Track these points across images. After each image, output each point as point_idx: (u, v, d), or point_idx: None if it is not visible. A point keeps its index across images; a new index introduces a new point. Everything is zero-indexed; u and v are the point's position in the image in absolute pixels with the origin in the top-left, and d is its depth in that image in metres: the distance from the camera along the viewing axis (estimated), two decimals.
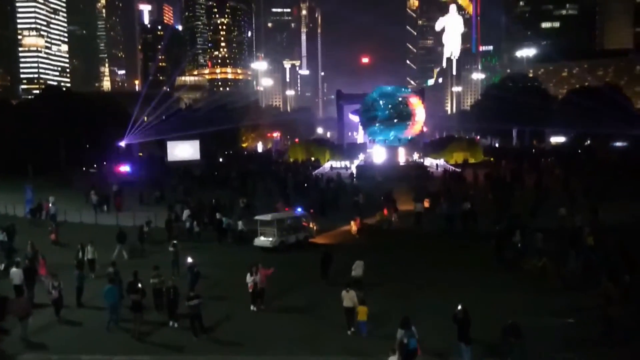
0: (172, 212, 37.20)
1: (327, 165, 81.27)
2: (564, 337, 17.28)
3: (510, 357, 15.65)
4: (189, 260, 23.09)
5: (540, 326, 17.70)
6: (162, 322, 19.61)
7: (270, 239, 30.37)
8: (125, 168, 73.52)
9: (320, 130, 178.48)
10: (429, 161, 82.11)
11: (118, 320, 19.36)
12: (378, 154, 72.21)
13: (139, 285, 19.39)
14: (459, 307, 15.88)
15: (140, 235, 30.99)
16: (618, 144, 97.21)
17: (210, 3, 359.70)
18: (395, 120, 68.48)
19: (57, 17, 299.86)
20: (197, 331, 18.28)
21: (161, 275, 20.72)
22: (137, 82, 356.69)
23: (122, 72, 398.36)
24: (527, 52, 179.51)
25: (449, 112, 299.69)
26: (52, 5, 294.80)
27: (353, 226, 34.73)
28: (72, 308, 21.01)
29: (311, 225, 33.39)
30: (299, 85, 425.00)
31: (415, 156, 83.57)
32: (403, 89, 78.47)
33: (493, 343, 16.44)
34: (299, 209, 34.30)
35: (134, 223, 36.01)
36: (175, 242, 26.87)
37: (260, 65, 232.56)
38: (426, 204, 39.30)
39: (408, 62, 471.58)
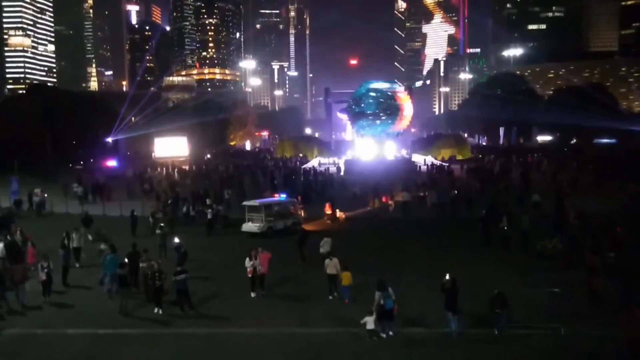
0: (160, 201, 37.62)
1: (315, 161, 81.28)
2: (550, 308, 17.37)
3: (497, 327, 15.82)
4: (176, 240, 23.27)
5: (527, 297, 17.80)
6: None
7: (258, 224, 30.38)
8: (112, 163, 73.54)
9: (308, 131, 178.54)
10: (416, 157, 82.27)
11: (112, 291, 19.52)
12: (366, 150, 72.15)
13: (125, 260, 19.42)
14: (447, 277, 16.00)
15: (133, 225, 31.01)
16: (605, 140, 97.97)
17: (199, 4, 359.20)
18: (383, 115, 68.46)
19: (43, 17, 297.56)
20: (184, 306, 18.17)
21: (150, 259, 20.49)
22: (124, 83, 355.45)
23: (110, 72, 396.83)
24: (513, 52, 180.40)
25: (437, 112, 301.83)
26: (38, 5, 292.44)
27: (327, 209, 35.04)
28: (59, 286, 20.82)
29: (299, 212, 33.44)
30: (287, 86, 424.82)
31: (403, 152, 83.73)
32: (391, 84, 78.36)
33: (480, 313, 16.54)
34: (284, 195, 34.34)
35: (120, 213, 36.66)
36: (162, 224, 26.79)
37: (248, 63, 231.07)
38: (420, 194, 40.10)
39: (396, 64, 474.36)
